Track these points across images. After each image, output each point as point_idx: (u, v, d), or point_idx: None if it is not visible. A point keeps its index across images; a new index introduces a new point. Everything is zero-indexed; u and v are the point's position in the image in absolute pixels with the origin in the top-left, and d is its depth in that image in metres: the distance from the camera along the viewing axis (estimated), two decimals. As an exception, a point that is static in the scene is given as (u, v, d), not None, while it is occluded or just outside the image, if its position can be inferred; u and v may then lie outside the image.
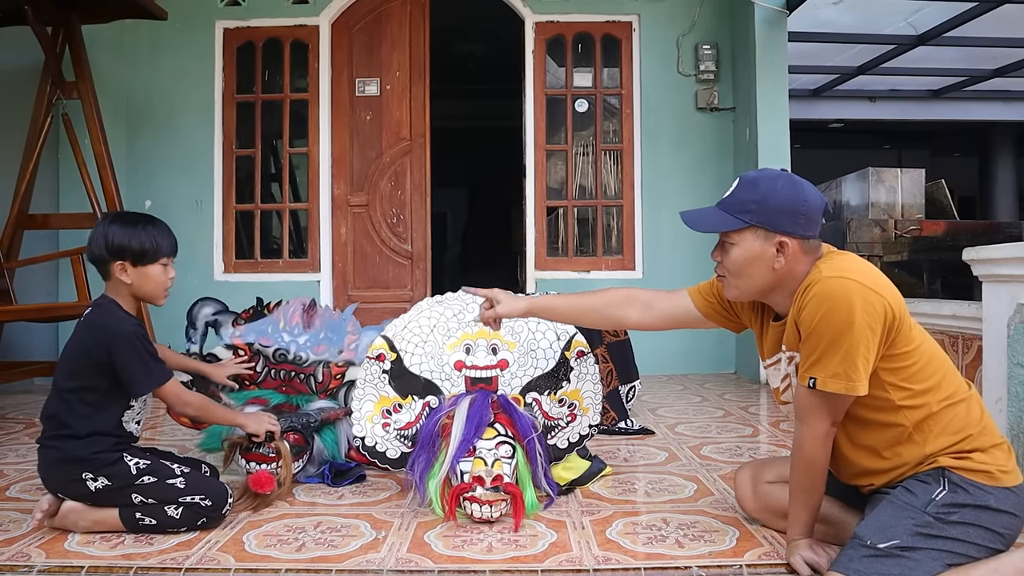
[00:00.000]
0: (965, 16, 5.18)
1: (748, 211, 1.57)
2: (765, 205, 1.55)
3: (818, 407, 1.53)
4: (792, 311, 1.57)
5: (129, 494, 1.87)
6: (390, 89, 5.07)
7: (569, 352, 2.27)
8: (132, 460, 1.90)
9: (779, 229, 1.55)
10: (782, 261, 1.56)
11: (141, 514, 1.88)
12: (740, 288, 1.64)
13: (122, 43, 4.91)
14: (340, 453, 2.46)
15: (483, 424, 2.06)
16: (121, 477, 1.88)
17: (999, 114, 8.51)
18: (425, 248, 5.08)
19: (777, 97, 4.54)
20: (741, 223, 1.57)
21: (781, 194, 1.55)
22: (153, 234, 1.94)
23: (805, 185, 1.58)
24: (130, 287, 1.94)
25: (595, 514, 2.04)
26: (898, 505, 1.49)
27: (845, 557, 1.46)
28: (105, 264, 1.93)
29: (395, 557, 1.73)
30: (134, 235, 1.92)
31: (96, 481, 1.87)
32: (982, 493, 1.47)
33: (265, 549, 1.79)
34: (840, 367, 1.47)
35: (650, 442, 2.94)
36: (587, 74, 5.13)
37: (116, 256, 1.91)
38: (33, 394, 4.34)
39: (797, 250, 1.56)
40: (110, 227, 1.93)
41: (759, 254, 1.57)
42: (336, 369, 2.52)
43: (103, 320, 1.91)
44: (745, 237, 1.58)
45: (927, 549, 1.43)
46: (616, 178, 5.13)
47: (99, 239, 1.91)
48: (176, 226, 5.25)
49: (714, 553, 1.73)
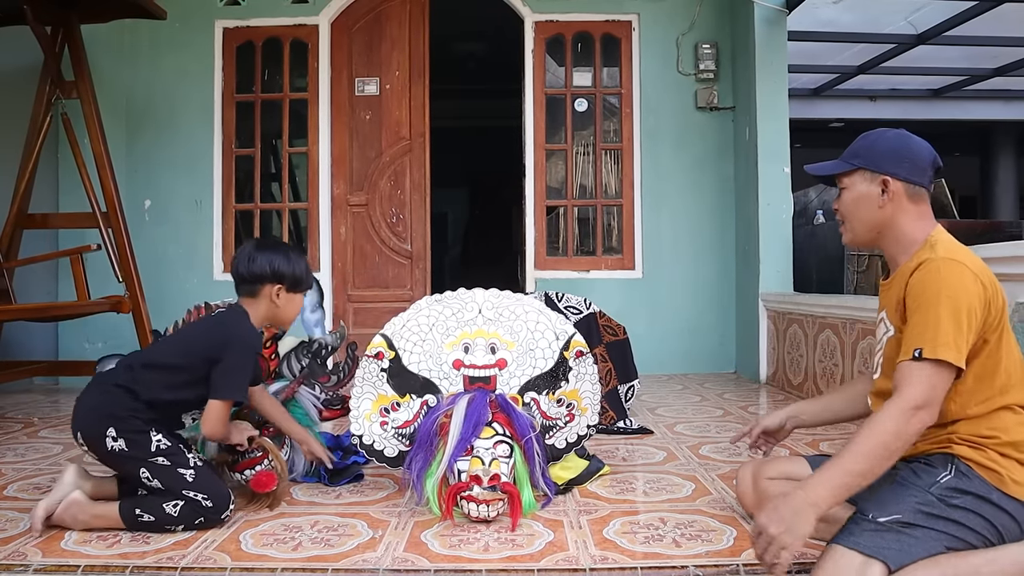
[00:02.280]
0: (965, 15, 5.17)
1: (857, 155, 1.69)
2: (871, 149, 1.67)
3: (919, 379, 1.46)
4: (900, 284, 1.59)
5: (138, 467, 1.90)
6: (390, 89, 5.07)
7: (568, 352, 2.27)
8: (156, 436, 1.93)
9: (882, 169, 1.64)
10: (886, 200, 1.64)
11: (140, 510, 1.88)
12: (853, 231, 1.72)
13: (121, 43, 4.92)
14: (315, 421, 2.45)
15: (481, 423, 2.06)
16: (139, 446, 1.90)
17: (1000, 113, 8.50)
18: (425, 248, 5.08)
19: (777, 96, 4.53)
20: (849, 166, 1.69)
21: (887, 140, 1.67)
22: (306, 266, 2.15)
23: (915, 138, 1.68)
24: (275, 309, 2.09)
25: (592, 513, 2.04)
26: (903, 484, 1.52)
27: (846, 531, 1.47)
28: (259, 284, 2.07)
29: (391, 556, 1.73)
30: (296, 265, 2.10)
31: (116, 441, 1.89)
32: (986, 487, 1.48)
33: (262, 548, 1.78)
34: (950, 337, 1.46)
35: (649, 441, 2.94)
36: (587, 73, 5.13)
37: (276, 280, 2.08)
38: (32, 393, 4.34)
39: (901, 193, 1.63)
40: (272, 255, 2.08)
41: (865, 194, 1.66)
42: (267, 351, 2.48)
43: (239, 324, 2.04)
44: (854, 179, 1.69)
45: (928, 528, 1.44)
46: (616, 177, 5.12)
47: (263, 263, 2.06)
48: (176, 226, 5.24)
49: (711, 552, 1.73)
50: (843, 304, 3.61)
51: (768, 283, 4.47)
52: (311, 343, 2.56)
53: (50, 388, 4.58)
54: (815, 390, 3.77)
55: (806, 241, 5.80)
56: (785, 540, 1.39)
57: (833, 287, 5.44)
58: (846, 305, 3.57)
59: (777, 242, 4.49)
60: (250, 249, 2.10)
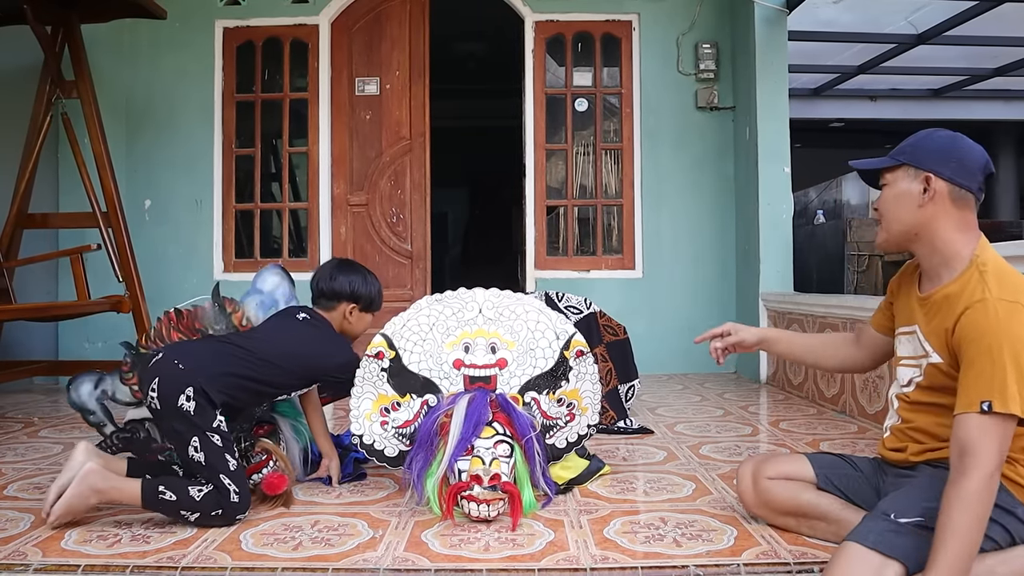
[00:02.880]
0: (965, 15, 5.17)
1: (903, 152, 1.62)
2: (918, 146, 1.61)
3: (992, 438, 1.39)
4: (948, 316, 1.51)
5: (192, 435, 1.91)
6: (390, 88, 5.07)
7: (568, 351, 2.27)
8: (220, 419, 1.96)
9: (925, 166, 1.57)
10: (927, 200, 1.55)
11: (164, 487, 1.89)
12: (888, 231, 1.65)
13: (122, 43, 4.92)
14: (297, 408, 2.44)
15: (481, 423, 2.06)
16: (205, 416, 1.92)
17: (1000, 113, 8.50)
18: (425, 247, 5.08)
19: (777, 96, 4.53)
20: (894, 162, 1.62)
21: (936, 139, 1.60)
22: (380, 290, 2.44)
23: (968, 140, 1.60)
24: (346, 324, 2.37)
25: (593, 513, 2.03)
26: (927, 487, 1.49)
27: (863, 528, 1.44)
28: (337, 302, 2.36)
29: (392, 556, 1.73)
30: (372, 286, 2.41)
31: (190, 402, 1.91)
32: (1012, 500, 1.47)
33: (262, 548, 1.78)
34: (1016, 388, 1.38)
35: (649, 441, 2.94)
36: (587, 73, 5.13)
37: (352, 300, 2.36)
38: (32, 393, 4.34)
39: (944, 194, 1.55)
40: (351, 275, 2.38)
41: (906, 191, 1.59)
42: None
43: (338, 345, 2.32)
44: (897, 176, 1.62)
45: None
46: (616, 177, 5.12)
47: (344, 282, 2.35)
48: (176, 226, 5.24)
49: (712, 552, 1.73)
50: (843, 304, 3.61)
51: (768, 283, 4.47)
52: None
53: (50, 388, 4.58)
54: (815, 390, 3.77)
55: (806, 241, 5.81)
56: None
57: (833, 287, 5.44)
58: (846, 305, 3.57)
59: (777, 242, 4.49)
60: (332, 268, 2.38)
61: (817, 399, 3.75)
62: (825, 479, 1.75)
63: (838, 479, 1.74)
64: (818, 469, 1.77)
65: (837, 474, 1.75)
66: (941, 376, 1.54)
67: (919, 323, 1.61)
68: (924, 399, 1.60)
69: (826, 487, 1.75)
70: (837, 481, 1.74)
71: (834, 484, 1.74)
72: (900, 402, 1.67)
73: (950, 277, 1.55)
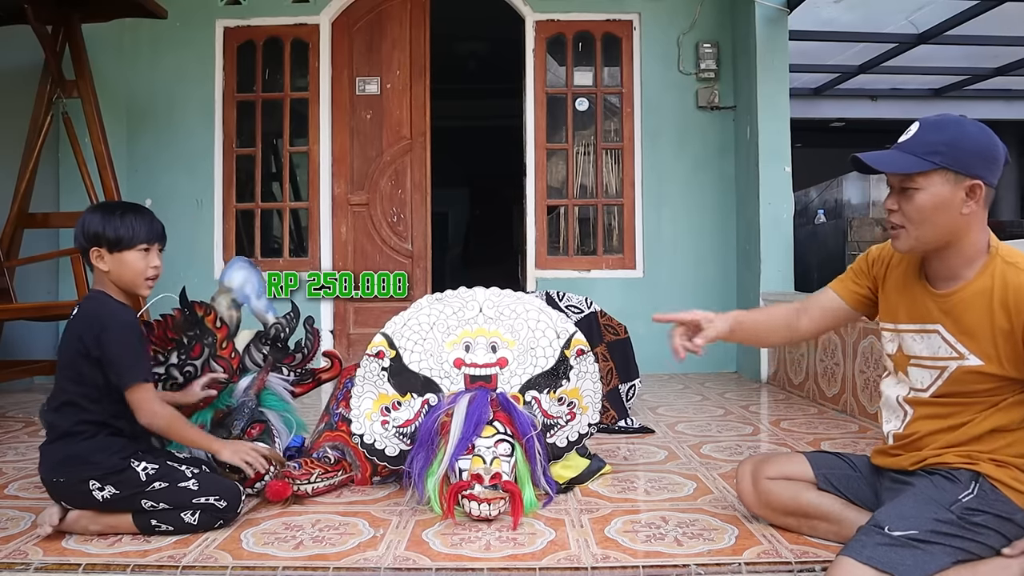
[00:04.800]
0: (966, 15, 5.16)
1: (937, 152, 1.46)
2: (957, 147, 1.46)
3: None
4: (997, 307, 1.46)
5: (139, 500, 1.83)
6: (390, 88, 5.06)
7: (569, 350, 2.27)
8: (140, 465, 1.84)
9: (972, 172, 1.45)
10: (972, 207, 1.46)
11: (157, 521, 1.84)
12: (920, 239, 1.50)
13: (122, 42, 4.92)
14: (290, 402, 2.45)
15: (482, 422, 2.05)
16: (130, 484, 1.82)
17: (1001, 113, 8.48)
18: (425, 247, 5.08)
19: (778, 96, 4.53)
20: (931, 164, 1.46)
21: (974, 136, 1.47)
22: (130, 221, 1.89)
23: (992, 133, 1.50)
24: (108, 275, 1.90)
25: (594, 512, 2.03)
26: (922, 498, 1.47)
27: (858, 543, 1.42)
28: (84, 253, 1.90)
29: (393, 555, 1.73)
30: (109, 222, 1.88)
31: (103, 490, 1.81)
32: (1010, 507, 1.46)
33: (263, 547, 1.78)
34: None
35: (650, 441, 2.94)
36: (588, 73, 5.12)
37: (92, 242, 1.88)
38: (33, 393, 4.34)
39: (983, 199, 1.47)
40: (89, 215, 1.90)
41: (948, 199, 1.46)
42: (225, 351, 2.39)
43: (97, 309, 1.87)
44: (933, 180, 1.46)
45: (943, 545, 1.41)
46: (617, 177, 5.12)
47: (78, 227, 1.89)
48: (177, 225, 5.22)
49: (713, 551, 1.73)
50: (844, 303, 3.60)
51: (769, 283, 4.47)
52: (267, 330, 2.49)
53: (50, 388, 4.55)
54: (816, 390, 3.77)
55: (807, 240, 5.80)
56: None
57: (834, 287, 5.42)
58: (847, 304, 3.56)
59: (778, 241, 4.49)
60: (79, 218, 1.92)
61: (818, 398, 3.75)
62: (825, 479, 1.75)
63: (837, 480, 1.74)
64: (817, 469, 1.77)
65: (836, 475, 1.75)
66: (976, 381, 1.49)
67: (942, 322, 1.53)
68: (942, 407, 1.55)
69: (826, 487, 1.75)
70: (836, 482, 1.74)
71: (833, 484, 1.74)
72: (912, 406, 1.61)
73: (972, 273, 1.50)
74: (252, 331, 2.49)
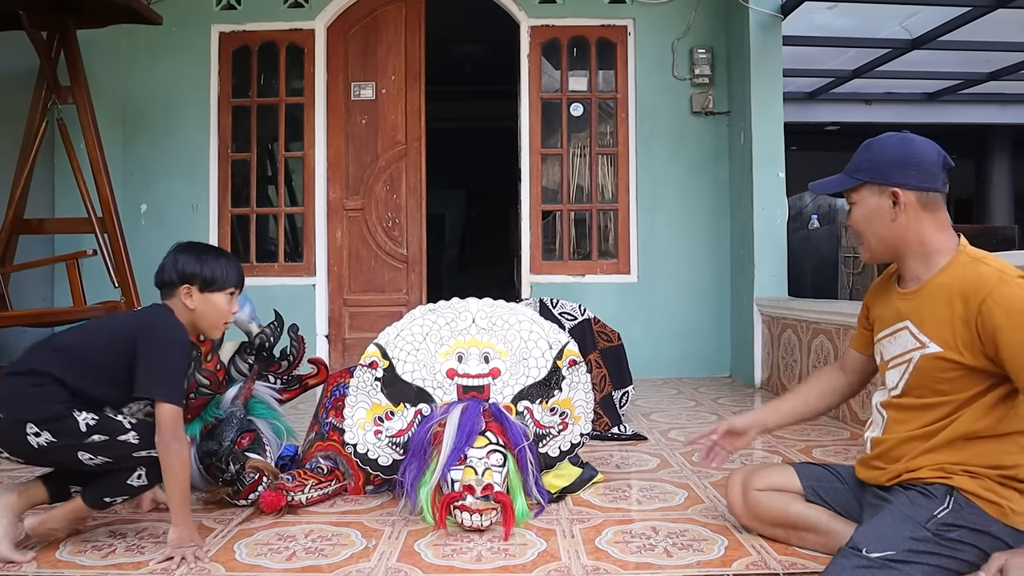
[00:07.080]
0: (959, 20, 5.19)
1: (861, 169, 1.63)
2: (876, 160, 1.61)
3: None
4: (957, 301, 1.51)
5: (76, 452, 1.75)
6: (385, 93, 5.07)
7: (561, 361, 2.28)
8: (81, 416, 1.76)
9: (889, 180, 1.58)
10: (899, 213, 1.58)
11: (108, 497, 1.83)
12: (871, 247, 1.66)
13: (118, 48, 4.92)
14: (278, 409, 2.44)
15: (474, 432, 2.07)
16: (68, 434, 1.74)
17: (995, 117, 8.53)
18: (420, 252, 5.09)
19: (772, 101, 4.55)
20: (855, 181, 1.63)
21: (890, 149, 1.61)
22: (224, 263, 1.98)
23: (919, 140, 1.61)
24: (192, 313, 1.93)
25: (585, 522, 2.05)
26: (898, 516, 1.50)
27: (836, 566, 1.46)
28: (172, 287, 1.93)
29: (385, 566, 1.74)
30: (205, 262, 1.94)
31: (39, 436, 1.72)
32: (985, 520, 1.48)
33: (255, 558, 1.79)
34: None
35: (642, 448, 2.95)
36: (582, 78, 5.14)
37: (184, 280, 1.92)
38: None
39: (914, 203, 1.57)
40: (182, 255, 1.95)
41: (876, 209, 1.61)
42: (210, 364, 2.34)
43: (154, 318, 1.89)
44: (862, 194, 1.63)
45: (920, 564, 1.43)
46: (611, 181, 5.14)
47: (170, 264, 1.93)
48: (171, 230, 5.24)
49: (703, 563, 1.74)
50: (836, 310, 3.62)
51: (763, 288, 4.49)
52: (251, 341, 2.47)
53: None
54: (809, 395, 3.78)
55: (801, 245, 5.81)
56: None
57: (827, 291, 5.45)
58: (840, 311, 3.58)
59: (772, 246, 4.51)
60: (167, 255, 1.98)
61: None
62: (813, 491, 1.77)
63: (825, 492, 1.75)
64: (805, 481, 1.78)
65: (824, 487, 1.76)
66: (937, 369, 1.52)
67: (910, 317, 1.60)
68: (911, 402, 1.59)
69: (814, 499, 1.76)
70: (824, 493, 1.75)
71: (821, 496, 1.76)
72: (887, 409, 1.66)
73: (937, 269, 1.57)
74: (236, 342, 2.48)
